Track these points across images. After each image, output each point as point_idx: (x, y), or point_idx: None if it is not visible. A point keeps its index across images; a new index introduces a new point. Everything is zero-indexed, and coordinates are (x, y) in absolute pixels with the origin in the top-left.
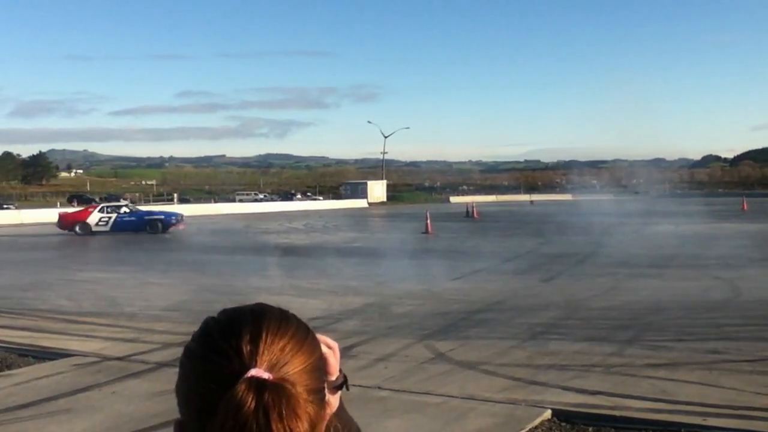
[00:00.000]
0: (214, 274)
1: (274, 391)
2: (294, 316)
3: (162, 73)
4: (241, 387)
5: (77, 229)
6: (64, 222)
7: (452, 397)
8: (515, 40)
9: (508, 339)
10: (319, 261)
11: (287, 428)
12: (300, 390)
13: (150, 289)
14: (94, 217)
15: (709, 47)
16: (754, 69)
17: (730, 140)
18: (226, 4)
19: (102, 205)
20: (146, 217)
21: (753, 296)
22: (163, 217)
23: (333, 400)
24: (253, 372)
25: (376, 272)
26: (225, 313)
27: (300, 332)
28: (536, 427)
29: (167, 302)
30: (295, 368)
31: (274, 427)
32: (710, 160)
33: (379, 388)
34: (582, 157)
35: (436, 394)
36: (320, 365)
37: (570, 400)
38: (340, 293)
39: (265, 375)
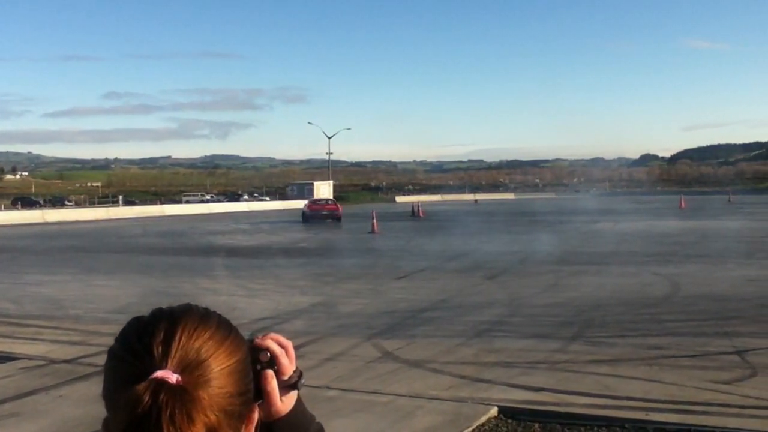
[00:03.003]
0: (160, 276)
1: (170, 393)
2: (218, 316)
3: (81, 75)
4: (141, 387)
5: None
6: None
7: (400, 395)
8: (454, 40)
9: (453, 337)
10: (266, 261)
11: (178, 431)
12: (208, 393)
13: (96, 291)
14: None
15: (643, 51)
16: (685, 72)
17: (665, 140)
18: (136, 5)
19: None
20: None
21: (692, 292)
22: None
23: (286, 400)
24: (159, 373)
25: (323, 272)
26: (151, 313)
27: (220, 333)
28: (483, 424)
29: (113, 305)
30: (210, 370)
31: (165, 430)
32: (648, 159)
33: (328, 387)
34: (524, 157)
35: (384, 393)
36: (243, 367)
37: (516, 396)
38: (287, 293)
39: (173, 377)
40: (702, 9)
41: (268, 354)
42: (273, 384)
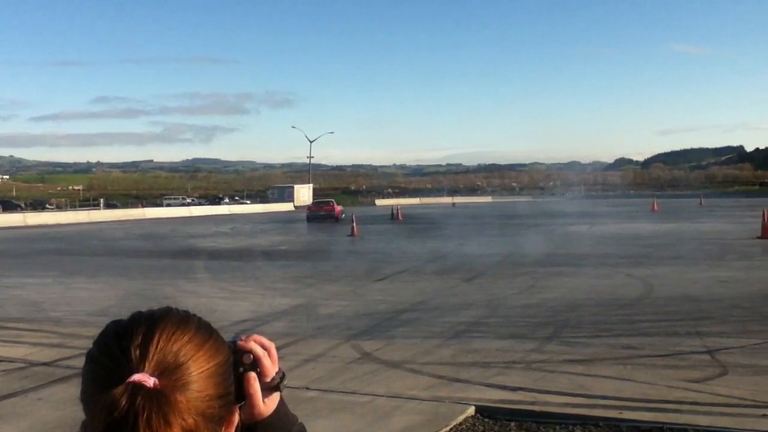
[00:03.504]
0: (141, 279)
1: (147, 397)
2: (198, 319)
3: (73, 80)
4: (118, 390)
5: None
6: None
7: (378, 395)
8: (434, 47)
9: (432, 338)
10: (247, 264)
11: None
12: (186, 397)
13: (76, 294)
14: None
15: (617, 58)
16: (659, 78)
17: (640, 144)
18: (128, 10)
19: None
20: None
21: (664, 293)
22: None
23: (269, 402)
24: (136, 377)
25: (304, 274)
26: (130, 317)
27: (199, 336)
28: (460, 424)
29: (93, 307)
30: (189, 373)
31: None
32: (623, 162)
33: (307, 388)
34: (502, 161)
35: (362, 394)
36: (224, 370)
37: (492, 396)
38: (267, 295)
39: (150, 380)
40: (678, 15)
41: (251, 356)
42: (255, 386)
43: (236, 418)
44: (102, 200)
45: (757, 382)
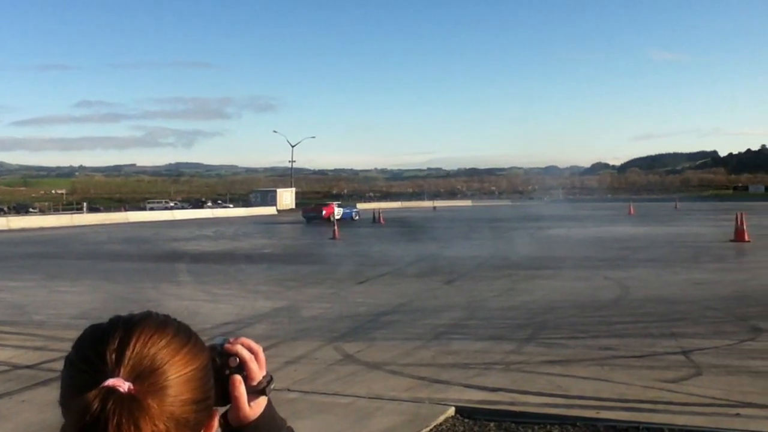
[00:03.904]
0: (124, 282)
1: (119, 402)
2: (177, 324)
3: (56, 84)
4: (91, 395)
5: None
6: None
7: (360, 397)
8: (415, 53)
9: (412, 340)
10: (230, 267)
11: None
12: (160, 402)
13: (59, 297)
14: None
15: (593, 64)
16: (635, 84)
17: (616, 149)
18: (111, 15)
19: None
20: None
21: (640, 295)
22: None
23: (255, 405)
24: (110, 381)
25: (286, 277)
26: (108, 321)
27: (178, 340)
28: (440, 424)
29: (76, 310)
30: (165, 378)
31: None
32: (599, 167)
33: (289, 390)
34: (481, 165)
35: (344, 395)
36: (202, 375)
37: (472, 397)
38: (250, 298)
39: (124, 385)
40: (653, 22)
41: (237, 359)
42: (241, 389)
43: (215, 423)
44: (85, 204)
45: (731, 382)
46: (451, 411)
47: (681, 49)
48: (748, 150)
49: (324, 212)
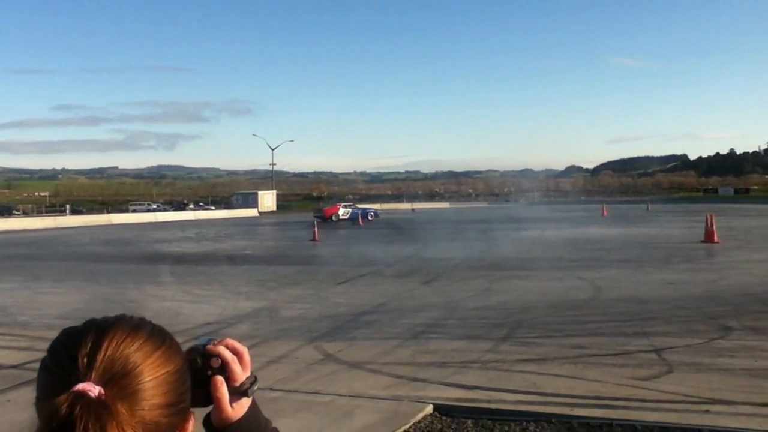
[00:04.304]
0: (107, 283)
1: (86, 407)
2: (151, 326)
3: (31, 88)
4: (61, 399)
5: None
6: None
7: (340, 395)
8: (393, 57)
9: (391, 339)
10: (212, 268)
11: None
12: (130, 406)
13: (43, 298)
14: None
15: (567, 69)
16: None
17: (589, 152)
18: (89, 19)
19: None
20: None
21: (613, 295)
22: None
23: (237, 407)
24: (80, 386)
25: (267, 278)
26: (83, 324)
27: (151, 343)
28: (419, 422)
29: (60, 311)
30: (137, 381)
31: None
32: (573, 170)
33: (271, 389)
34: (458, 168)
35: (324, 393)
36: (176, 378)
37: (450, 395)
38: (231, 299)
39: (95, 389)
40: (622, 29)
41: (219, 360)
42: (222, 390)
43: (190, 426)
44: (68, 206)
45: (701, 379)
46: (430, 409)
47: (650, 57)
48: (718, 153)
49: (326, 213)
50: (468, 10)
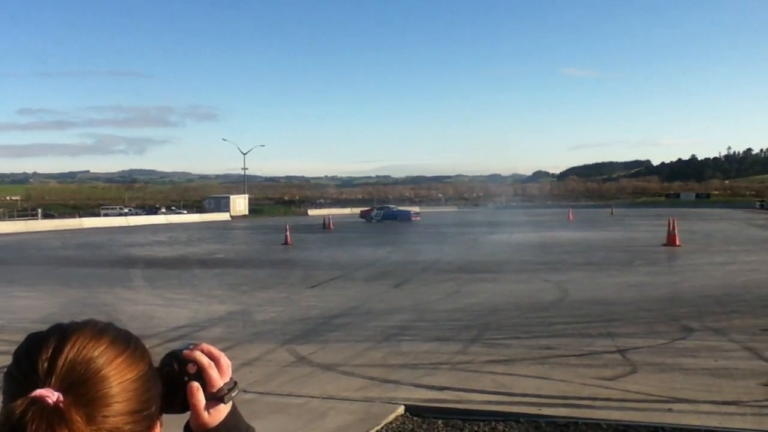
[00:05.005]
0: (80, 287)
1: (38, 413)
2: (116, 331)
3: None
4: (16, 404)
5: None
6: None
7: (313, 397)
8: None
9: (363, 341)
10: (184, 272)
11: None
12: (88, 413)
13: (17, 302)
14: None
15: (533, 77)
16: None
17: (555, 158)
18: (48, 24)
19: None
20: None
21: (578, 297)
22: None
23: (214, 413)
24: (37, 392)
25: (239, 282)
26: (48, 328)
27: (115, 348)
28: (391, 422)
29: (36, 315)
30: (98, 388)
31: None
32: (540, 175)
33: (245, 391)
34: (428, 173)
35: (298, 395)
36: (140, 384)
37: (421, 395)
38: (204, 302)
39: (53, 395)
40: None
41: (195, 366)
42: (198, 396)
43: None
44: (40, 210)
45: (663, 379)
46: (401, 410)
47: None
48: (679, 159)
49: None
50: (435, 18)
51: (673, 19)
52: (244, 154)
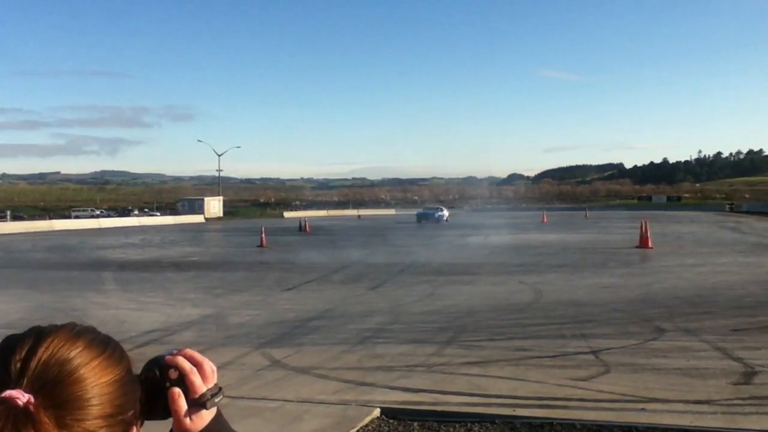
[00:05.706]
0: (50, 291)
1: (4, 414)
2: (93, 334)
3: None
4: None
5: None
6: None
7: (288, 401)
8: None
9: (339, 344)
10: (157, 275)
11: None
12: (58, 416)
13: None
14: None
15: (506, 81)
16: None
17: (530, 161)
18: (20, 22)
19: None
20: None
21: (553, 298)
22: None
23: (196, 419)
24: (7, 393)
25: (213, 285)
26: (26, 330)
27: (90, 351)
28: (366, 425)
29: (4, 319)
30: (71, 391)
31: None
32: (515, 178)
33: None
34: (404, 175)
35: (272, 399)
36: (115, 388)
37: (396, 398)
38: (177, 306)
39: (24, 397)
40: (555, 43)
41: (177, 371)
42: (180, 402)
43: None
44: (8, 212)
45: (636, 379)
46: (377, 412)
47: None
48: (652, 162)
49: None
50: (411, 20)
51: (647, 24)
52: (219, 156)
